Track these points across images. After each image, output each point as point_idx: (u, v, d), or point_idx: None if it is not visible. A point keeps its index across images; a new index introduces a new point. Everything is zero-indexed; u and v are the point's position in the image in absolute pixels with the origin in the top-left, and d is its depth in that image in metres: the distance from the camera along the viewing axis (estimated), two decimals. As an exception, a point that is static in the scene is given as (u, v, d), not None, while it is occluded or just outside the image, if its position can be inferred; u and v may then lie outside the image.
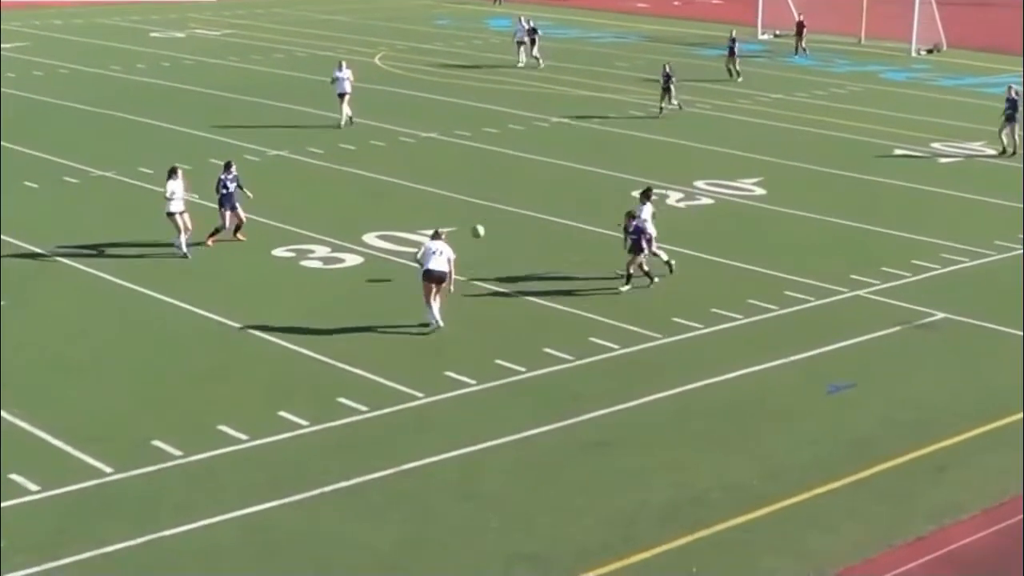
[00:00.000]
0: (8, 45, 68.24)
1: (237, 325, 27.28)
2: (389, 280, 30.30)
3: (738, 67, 60.58)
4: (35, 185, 38.86)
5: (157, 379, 24.51)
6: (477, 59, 66.05)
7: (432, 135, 46.93)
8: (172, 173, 31.78)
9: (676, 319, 27.90)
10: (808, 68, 65.66)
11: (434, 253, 26.82)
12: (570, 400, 23.86)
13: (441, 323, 26.87)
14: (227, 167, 32.73)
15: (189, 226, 31.77)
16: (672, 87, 51.10)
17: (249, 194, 32.95)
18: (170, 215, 31.75)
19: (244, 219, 32.70)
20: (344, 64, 48.47)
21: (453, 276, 27.08)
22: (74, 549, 18.38)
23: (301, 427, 22.50)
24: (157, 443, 21.62)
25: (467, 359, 25.62)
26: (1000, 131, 45.82)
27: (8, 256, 31.44)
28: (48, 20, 79.16)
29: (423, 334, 26.85)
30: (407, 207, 36.95)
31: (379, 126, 47.77)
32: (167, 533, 18.88)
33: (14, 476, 20.45)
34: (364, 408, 23.30)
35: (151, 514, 19.38)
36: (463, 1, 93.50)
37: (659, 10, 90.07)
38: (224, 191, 32.31)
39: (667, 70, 51.30)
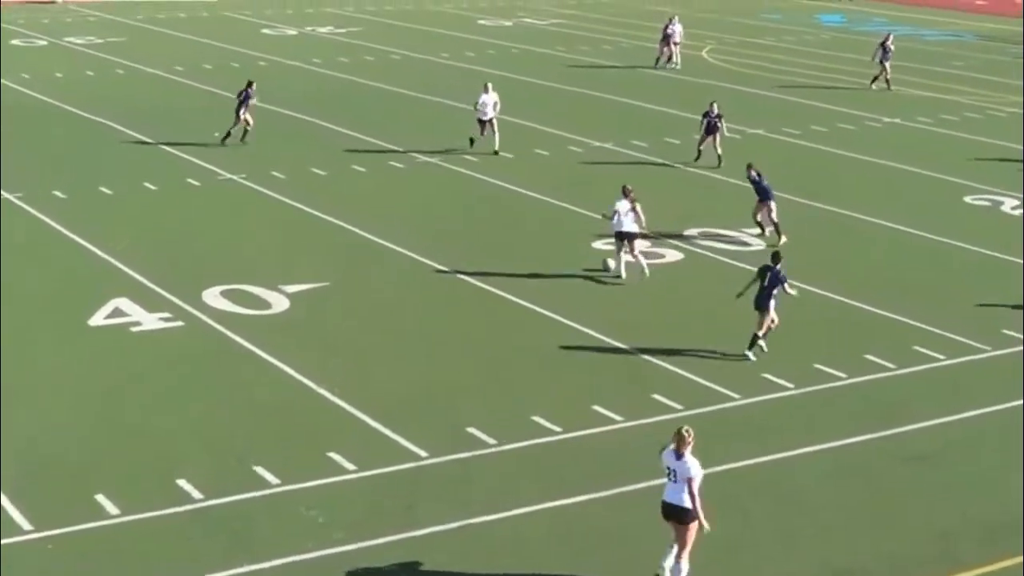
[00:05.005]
0: (340, 30, 70.30)
1: (550, 314, 27.44)
2: (706, 281, 30.15)
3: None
4: (363, 169, 39.90)
5: (479, 364, 24.74)
6: (808, 55, 64.97)
7: (759, 131, 46.33)
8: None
9: (1006, 331, 26.97)
10: None
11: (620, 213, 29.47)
12: (891, 410, 23.26)
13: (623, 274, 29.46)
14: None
15: None
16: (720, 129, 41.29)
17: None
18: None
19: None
20: (491, 87, 42.99)
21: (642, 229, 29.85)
22: (389, 529, 18.71)
23: (615, 422, 22.47)
24: (471, 430, 21.89)
25: (787, 362, 25.17)
26: None
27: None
28: (381, 6, 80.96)
29: (744, 336, 26.52)
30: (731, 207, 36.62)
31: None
32: (476, 520, 19.07)
33: (333, 455, 21.01)
34: (679, 406, 23.12)
35: (464, 498, 19.61)
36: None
37: (998, 8, 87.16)
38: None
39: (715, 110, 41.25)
